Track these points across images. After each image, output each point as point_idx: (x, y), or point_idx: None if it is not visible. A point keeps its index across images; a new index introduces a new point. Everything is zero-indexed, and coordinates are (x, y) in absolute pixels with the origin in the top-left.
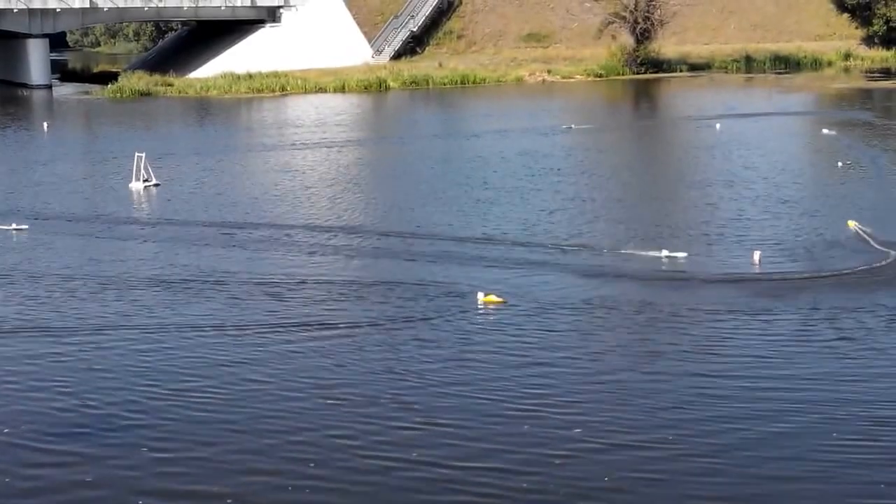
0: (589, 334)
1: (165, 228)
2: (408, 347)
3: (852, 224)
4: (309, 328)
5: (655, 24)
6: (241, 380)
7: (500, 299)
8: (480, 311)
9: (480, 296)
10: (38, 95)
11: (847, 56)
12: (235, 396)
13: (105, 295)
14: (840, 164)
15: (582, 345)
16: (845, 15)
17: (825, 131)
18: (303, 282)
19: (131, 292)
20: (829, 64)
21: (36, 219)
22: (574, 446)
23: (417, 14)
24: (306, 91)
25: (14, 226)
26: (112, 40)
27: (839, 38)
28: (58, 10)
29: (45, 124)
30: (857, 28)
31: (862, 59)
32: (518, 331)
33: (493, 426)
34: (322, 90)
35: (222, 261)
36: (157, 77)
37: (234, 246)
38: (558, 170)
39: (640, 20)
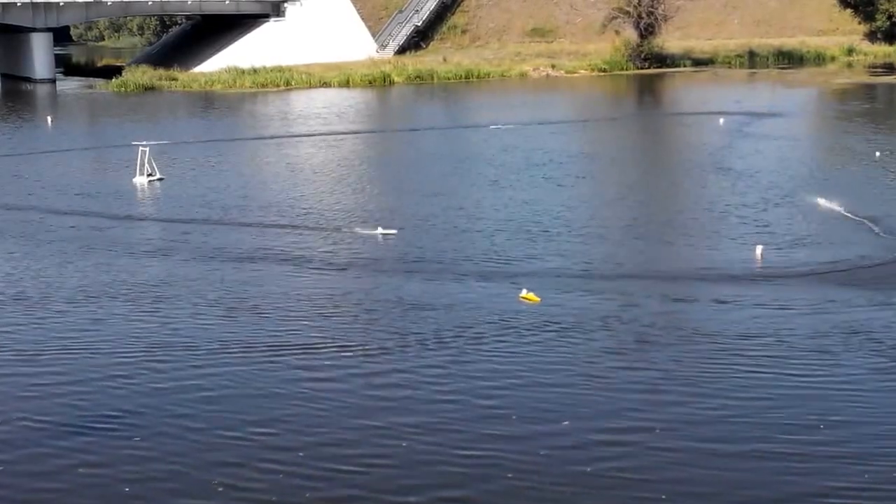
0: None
1: (167, 224)
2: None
3: None
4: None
5: (659, 19)
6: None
7: (536, 298)
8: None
9: (524, 291)
10: (41, 89)
11: (850, 51)
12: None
13: (96, 300)
14: (878, 154)
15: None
16: (848, 10)
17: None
18: (311, 279)
19: (123, 296)
20: (833, 59)
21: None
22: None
23: (422, 9)
24: (311, 85)
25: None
26: (116, 34)
27: (842, 33)
28: (62, 4)
29: (50, 118)
30: (860, 23)
31: (865, 55)
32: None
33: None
34: (326, 85)
35: (224, 258)
36: (161, 71)
37: (236, 242)
38: (560, 164)
39: (643, 15)
